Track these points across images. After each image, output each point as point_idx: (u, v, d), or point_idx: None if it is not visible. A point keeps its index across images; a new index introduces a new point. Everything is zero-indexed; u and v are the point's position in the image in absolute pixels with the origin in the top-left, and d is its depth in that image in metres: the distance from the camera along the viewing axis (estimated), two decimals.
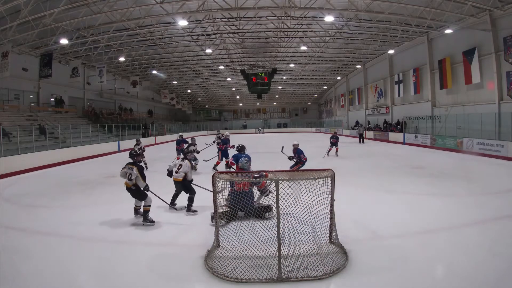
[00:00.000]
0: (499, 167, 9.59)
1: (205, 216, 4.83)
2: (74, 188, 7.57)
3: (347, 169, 9.42)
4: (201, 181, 5.70)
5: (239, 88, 36.77)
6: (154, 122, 28.76)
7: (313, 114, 47.86)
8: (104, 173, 9.82)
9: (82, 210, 5.61)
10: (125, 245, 3.92)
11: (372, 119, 26.42)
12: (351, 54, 23.99)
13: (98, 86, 22.40)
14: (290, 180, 3.26)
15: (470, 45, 14.71)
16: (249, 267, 3.08)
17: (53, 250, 3.78)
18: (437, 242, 3.75)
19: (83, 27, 14.56)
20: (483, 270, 3.05)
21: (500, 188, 6.70)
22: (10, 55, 13.59)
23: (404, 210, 5.13)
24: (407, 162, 10.86)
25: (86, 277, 3.20)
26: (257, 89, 24.58)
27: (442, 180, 7.51)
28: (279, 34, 18.34)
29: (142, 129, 24.23)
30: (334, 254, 3.39)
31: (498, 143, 11.66)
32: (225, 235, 3.55)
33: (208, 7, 13.30)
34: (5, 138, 11.33)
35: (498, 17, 13.17)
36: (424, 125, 18.62)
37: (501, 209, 5.00)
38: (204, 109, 48.91)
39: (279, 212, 3.07)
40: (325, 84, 37.03)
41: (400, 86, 21.65)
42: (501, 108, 13.35)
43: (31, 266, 3.36)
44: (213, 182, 3.52)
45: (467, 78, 15.03)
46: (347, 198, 5.31)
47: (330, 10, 13.51)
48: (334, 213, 3.59)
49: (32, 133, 12.80)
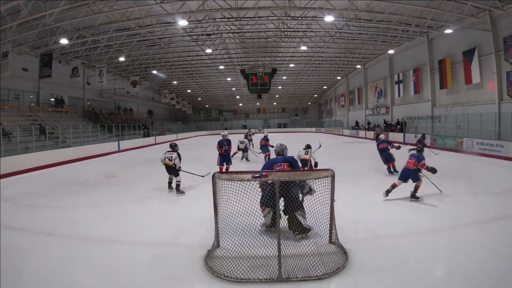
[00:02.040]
0: (499, 167, 9.59)
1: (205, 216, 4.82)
2: (74, 188, 7.57)
3: (347, 169, 9.41)
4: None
5: (239, 88, 36.76)
6: (154, 122, 28.75)
7: (313, 114, 47.85)
8: (104, 173, 9.82)
9: (82, 210, 5.61)
10: (125, 245, 3.91)
11: (372, 119, 26.41)
12: (351, 54, 23.99)
13: (98, 86, 22.40)
14: (290, 180, 3.26)
15: (470, 45, 14.70)
16: (249, 267, 3.08)
17: (53, 250, 3.78)
18: (437, 242, 3.74)
19: (83, 27, 14.55)
20: (483, 270, 3.05)
21: (500, 188, 6.69)
22: (10, 55, 13.60)
23: (404, 210, 5.13)
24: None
25: (86, 277, 3.20)
26: (257, 89, 24.61)
27: (442, 180, 7.50)
28: (279, 34, 18.33)
29: (142, 129, 24.22)
30: (334, 254, 3.39)
31: (498, 143, 11.66)
32: (225, 235, 3.54)
33: (208, 7, 13.29)
34: (5, 138, 11.33)
35: (498, 17, 13.16)
36: (424, 125, 18.63)
37: (501, 209, 5.00)
38: (204, 109, 48.90)
39: (279, 212, 3.06)
40: (325, 84, 37.03)
41: (400, 86, 21.65)
42: (501, 108, 13.34)
43: (31, 266, 3.35)
44: (213, 182, 3.51)
45: (467, 78, 15.02)
46: (347, 198, 5.31)
47: (330, 10, 13.51)
48: (334, 213, 3.58)
49: (32, 133, 12.80)
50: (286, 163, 4.23)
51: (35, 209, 5.78)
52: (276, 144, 4.58)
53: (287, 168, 4.15)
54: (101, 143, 16.83)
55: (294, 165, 4.32)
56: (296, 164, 4.36)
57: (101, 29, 15.12)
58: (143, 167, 11.39)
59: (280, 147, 4.65)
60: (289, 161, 4.28)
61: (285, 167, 4.18)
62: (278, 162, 4.28)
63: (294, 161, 4.37)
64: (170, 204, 5.98)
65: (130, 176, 9.34)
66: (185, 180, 8.27)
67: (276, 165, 4.25)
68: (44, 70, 16.31)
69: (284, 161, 4.27)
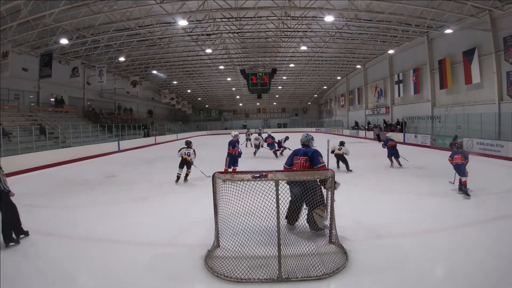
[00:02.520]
0: (499, 167, 9.59)
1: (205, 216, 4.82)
2: (74, 188, 7.57)
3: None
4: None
5: (239, 88, 36.76)
6: (154, 122, 28.75)
7: (313, 114, 47.88)
8: (104, 173, 9.82)
9: (82, 210, 5.61)
10: (125, 245, 3.91)
11: (372, 119, 26.42)
12: (351, 54, 23.99)
13: (98, 86, 22.40)
14: (290, 180, 3.26)
15: (470, 45, 14.71)
16: (249, 267, 3.08)
17: (53, 250, 3.78)
18: (437, 242, 3.74)
19: (83, 27, 14.55)
20: (483, 270, 3.05)
21: (500, 188, 6.70)
22: (10, 55, 13.59)
23: (404, 210, 5.13)
24: (407, 162, 10.85)
25: (86, 277, 3.20)
26: (257, 89, 24.61)
27: (442, 180, 7.50)
28: (279, 34, 18.33)
29: (142, 129, 24.21)
30: (334, 254, 3.39)
31: (498, 143, 11.66)
32: (225, 235, 3.54)
33: (208, 7, 13.30)
34: (5, 138, 11.33)
35: (498, 17, 13.16)
36: (424, 125, 18.62)
37: (501, 209, 5.00)
38: (204, 109, 48.92)
39: (279, 212, 3.06)
40: (325, 84, 37.03)
41: (400, 86, 21.65)
42: (501, 108, 13.35)
43: (31, 266, 3.36)
44: (213, 182, 3.51)
45: (467, 78, 15.03)
46: (347, 198, 5.30)
47: (330, 10, 13.51)
48: (334, 213, 3.58)
49: (32, 133, 12.80)
50: (304, 157, 4.16)
51: (35, 209, 5.78)
52: (303, 134, 4.55)
53: (304, 162, 4.13)
54: (101, 143, 16.83)
55: (314, 158, 4.11)
56: (316, 158, 4.11)
57: (101, 29, 15.12)
58: (143, 167, 11.40)
59: (306, 137, 4.49)
60: (308, 155, 4.16)
61: (302, 161, 4.15)
62: (299, 154, 4.24)
63: (315, 155, 4.15)
64: (170, 204, 5.97)
65: (130, 176, 9.34)
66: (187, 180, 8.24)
67: (295, 157, 4.25)
68: (44, 70, 16.31)
69: (303, 155, 4.19)
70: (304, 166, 4.11)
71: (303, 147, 4.38)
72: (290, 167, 4.27)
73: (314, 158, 4.10)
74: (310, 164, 4.10)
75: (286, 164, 4.38)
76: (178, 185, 7.59)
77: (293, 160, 4.25)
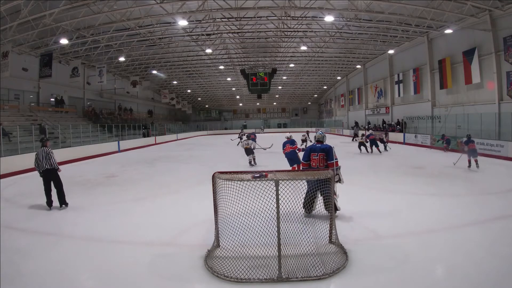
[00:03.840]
0: (499, 167, 9.59)
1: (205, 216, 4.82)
2: (74, 188, 7.56)
3: (347, 168, 9.35)
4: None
5: (239, 88, 36.76)
6: (154, 122, 28.75)
7: (313, 114, 47.88)
8: (104, 173, 9.82)
9: (82, 210, 5.61)
10: (125, 245, 3.91)
11: (372, 119, 26.43)
12: (351, 54, 24.00)
13: (98, 86, 22.38)
14: (290, 180, 3.26)
15: (470, 45, 14.71)
16: (249, 267, 3.08)
17: (53, 250, 3.78)
18: (437, 242, 3.74)
19: (83, 27, 14.56)
20: (483, 270, 3.05)
21: (500, 188, 6.69)
22: (10, 55, 13.60)
23: (404, 210, 5.12)
24: (407, 162, 10.86)
25: (86, 277, 3.20)
26: (257, 89, 24.61)
27: (442, 180, 7.51)
28: (279, 34, 18.33)
29: (142, 129, 24.22)
30: (334, 254, 3.39)
31: (498, 143, 11.67)
32: (225, 235, 3.54)
33: (208, 7, 13.30)
34: (5, 138, 11.33)
35: (498, 17, 13.16)
36: (424, 125, 18.62)
37: (501, 209, 5.00)
38: (204, 109, 48.93)
39: (279, 212, 3.06)
40: (325, 84, 37.03)
41: (400, 86, 21.65)
42: (501, 108, 13.35)
43: (31, 266, 3.35)
44: (213, 182, 3.50)
45: (467, 78, 15.03)
46: (347, 198, 5.30)
47: (330, 10, 13.51)
48: (334, 213, 3.58)
49: (32, 133, 12.80)
50: (322, 153, 4.62)
51: (35, 209, 5.78)
52: (317, 131, 5.00)
53: (322, 158, 4.59)
54: (101, 143, 16.82)
55: (330, 154, 4.58)
56: (331, 154, 4.57)
57: (101, 29, 15.12)
58: (143, 167, 11.39)
59: (321, 134, 5.00)
60: (325, 151, 4.62)
61: (321, 157, 4.60)
62: (316, 150, 4.68)
63: (330, 150, 4.60)
64: (170, 204, 5.97)
65: (130, 176, 9.33)
66: (185, 180, 8.27)
67: (313, 153, 4.66)
68: (44, 70, 16.32)
69: (321, 151, 4.64)
70: (322, 161, 4.59)
71: (318, 144, 4.81)
72: (308, 162, 4.72)
73: (330, 154, 4.59)
74: (326, 159, 4.59)
75: (303, 160, 4.86)
76: (178, 185, 7.62)
77: (311, 156, 4.67)
